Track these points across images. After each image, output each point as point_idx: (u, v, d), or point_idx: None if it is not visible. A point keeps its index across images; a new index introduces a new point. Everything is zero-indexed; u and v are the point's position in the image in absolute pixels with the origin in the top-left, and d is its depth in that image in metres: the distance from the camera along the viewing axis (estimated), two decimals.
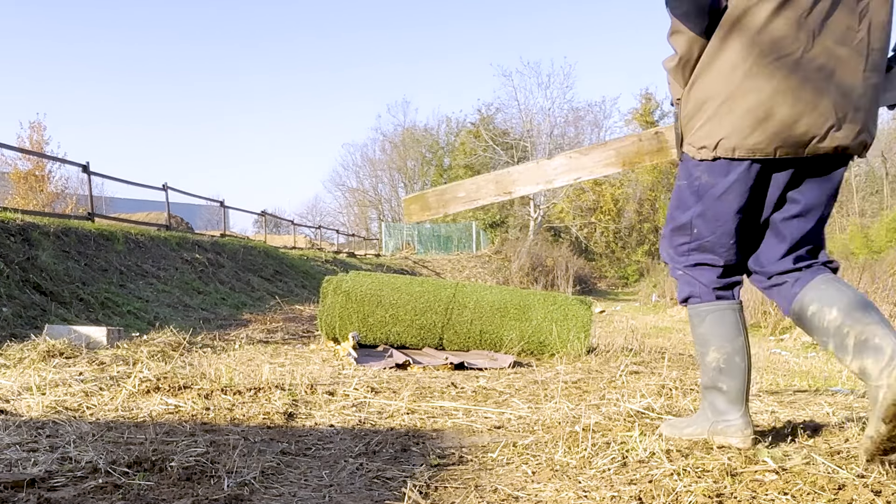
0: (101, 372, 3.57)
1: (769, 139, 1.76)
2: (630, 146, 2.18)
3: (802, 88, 1.72)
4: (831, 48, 1.72)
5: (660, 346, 6.50)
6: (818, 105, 1.73)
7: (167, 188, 14.70)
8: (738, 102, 1.77)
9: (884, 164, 35.11)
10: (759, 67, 1.74)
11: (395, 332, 5.10)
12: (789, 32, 1.71)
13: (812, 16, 1.70)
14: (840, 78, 1.73)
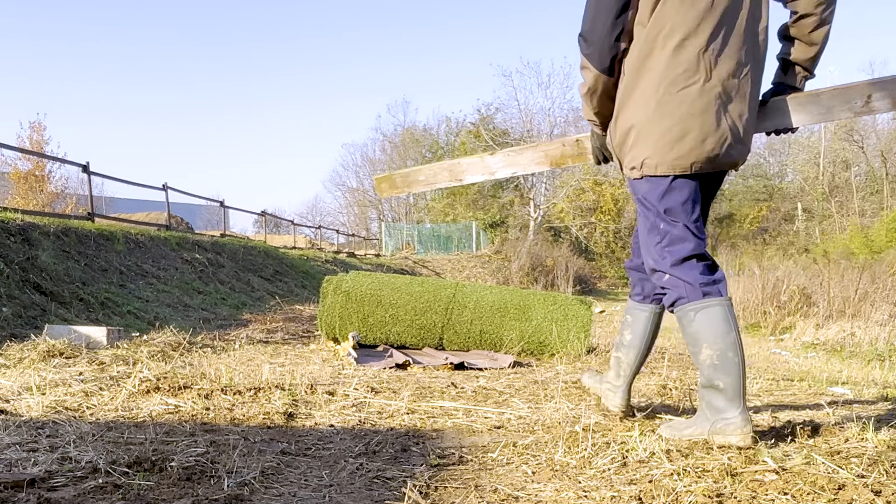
0: (101, 372, 3.57)
1: (686, 156, 2.03)
2: (556, 150, 2.53)
3: (706, 112, 2.01)
4: (725, 80, 2.01)
5: (660, 346, 6.49)
6: (719, 127, 2.02)
7: (167, 188, 14.70)
8: (655, 126, 2.05)
9: (884, 164, 35.11)
10: (669, 96, 2.02)
11: (395, 332, 5.10)
12: (690, 67, 2.00)
13: (707, 53, 2.00)
14: (734, 105, 2.03)
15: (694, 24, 1.99)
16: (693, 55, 1.99)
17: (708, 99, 2.00)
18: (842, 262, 12.89)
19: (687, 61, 2.00)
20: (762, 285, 12.00)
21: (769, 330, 10.65)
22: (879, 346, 7.78)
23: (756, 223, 39.51)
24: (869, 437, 2.03)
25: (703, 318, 2.02)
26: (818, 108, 2.17)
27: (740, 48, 2.02)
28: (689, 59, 2.00)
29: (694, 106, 2.00)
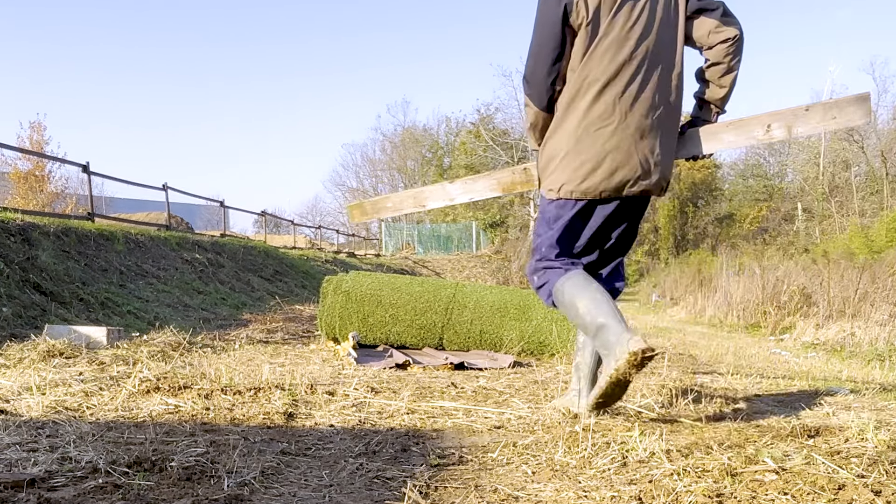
0: (101, 372, 3.57)
1: (596, 185, 2.39)
2: (507, 177, 2.81)
3: (618, 149, 2.36)
4: (640, 120, 2.36)
5: (660, 345, 6.49)
6: (630, 161, 2.36)
7: (167, 188, 14.69)
8: (574, 159, 2.40)
9: (884, 164, 35.09)
10: (588, 134, 2.38)
11: (395, 332, 5.10)
12: (607, 110, 2.35)
13: (624, 98, 2.35)
14: (646, 141, 2.37)
15: (613, 73, 2.35)
16: (610, 101, 2.35)
17: (620, 138, 2.36)
18: (842, 262, 12.87)
19: (605, 105, 2.36)
20: (762, 285, 12.00)
21: (769, 330, 10.65)
22: (879, 346, 7.78)
23: (756, 223, 39.50)
24: (869, 437, 2.03)
25: (570, 285, 2.40)
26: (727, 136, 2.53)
27: (654, 93, 2.38)
28: (607, 104, 2.36)
29: (607, 144, 2.36)
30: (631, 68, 2.34)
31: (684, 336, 8.85)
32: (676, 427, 2.39)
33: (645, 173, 2.38)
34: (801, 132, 2.51)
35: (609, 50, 2.33)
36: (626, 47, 2.34)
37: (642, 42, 2.34)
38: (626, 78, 2.34)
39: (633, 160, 2.36)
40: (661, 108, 2.38)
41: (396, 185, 46.06)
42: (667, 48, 2.39)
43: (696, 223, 40.89)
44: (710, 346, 7.34)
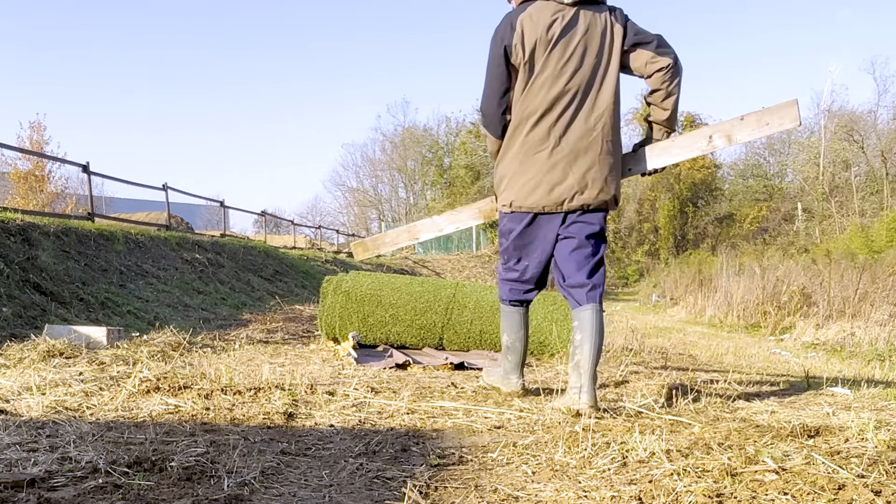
0: (101, 372, 3.57)
1: (537, 201, 2.75)
2: (486, 205, 3.17)
3: (554, 170, 2.72)
4: (574, 144, 2.70)
5: (660, 346, 6.49)
6: (566, 180, 2.71)
7: (167, 188, 14.69)
8: (519, 180, 2.78)
9: (884, 164, 35.08)
10: (527, 157, 2.75)
11: (395, 332, 5.10)
12: (543, 136, 2.72)
13: (557, 126, 2.71)
14: (581, 162, 2.71)
15: (548, 105, 2.70)
16: (546, 129, 2.71)
17: (555, 160, 2.71)
18: (842, 262, 12.86)
19: (541, 133, 2.72)
20: (762, 285, 12.00)
21: (769, 330, 10.65)
22: (879, 346, 7.78)
23: (756, 223, 39.49)
24: (869, 437, 2.03)
25: (507, 317, 3.03)
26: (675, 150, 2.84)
27: (587, 119, 2.70)
28: (543, 132, 2.72)
29: (544, 166, 2.72)
30: (564, 100, 2.70)
31: (684, 336, 8.85)
32: (676, 427, 2.39)
33: (581, 190, 2.72)
34: (740, 139, 2.78)
35: (544, 85, 2.70)
36: (559, 82, 2.69)
37: (575, 76, 2.69)
38: (560, 108, 2.70)
39: (569, 179, 2.71)
40: (595, 132, 2.71)
41: (396, 186, 46.07)
42: (601, 80, 2.72)
43: (696, 223, 40.88)
44: (710, 346, 7.34)
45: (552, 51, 2.66)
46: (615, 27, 2.71)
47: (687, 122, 41.70)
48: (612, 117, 2.73)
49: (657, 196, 40.37)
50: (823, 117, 38.03)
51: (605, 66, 2.70)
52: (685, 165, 39.85)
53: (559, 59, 2.67)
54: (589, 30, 2.69)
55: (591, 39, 2.68)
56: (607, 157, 2.73)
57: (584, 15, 2.69)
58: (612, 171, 2.76)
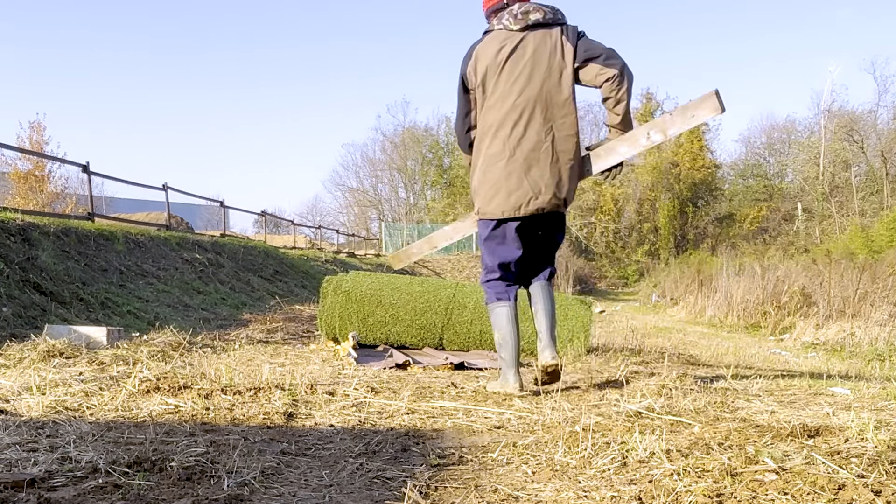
0: (101, 372, 3.57)
1: (498, 207, 3.05)
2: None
3: (510, 178, 3.01)
4: (528, 154, 2.99)
5: (660, 346, 6.50)
6: (521, 187, 3.00)
7: (167, 188, 14.69)
8: (483, 189, 3.09)
9: (884, 165, 35.08)
10: (488, 168, 3.07)
11: (395, 332, 5.10)
12: (499, 149, 3.03)
13: (511, 139, 3.01)
14: (534, 170, 2.99)
15: (501, 121, 3.01)
16: (501, 142, 3.02)
17: (511, 169, 3.00)
18: (842, 262, 12.86)
19: (498, 146, 3.03)
20: (762, 285, 12.00)
21: (769, 330, 10.65)
22: (879, 346, 7.78)
23: (756, 223, 39.50)
24: (869, 437, 2.03)
25: (495, 315, 3.21)
26: (622, 148, 3.09)
27: (538, 132, 2.99)
28: (499, 145, 3.02)
29: (502, 175, 3.02)
30: (515, 115, 2.99)
31: (684, 336, 8.85)
32: (676, 427, 2.39)
33: (537, 194, 3.00)
34: (673, 133, 3.06)
35: (497, 103, 3.02)
36: (509, 100, 3.00)
37: (523, 93, 2.98)
38: (511, 123, 3.00)
39: (524, 186, 2.99)
40: (548, 142, 2.99)
41: (396, 186, 46.06)
42: (553, 94, 2.99)
43: (696, 223, 40.89)
44: (710, 346, 7.34)
45: (501, 72, 3.01)
46: (566, 46, 2.98)
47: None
48: (568, 127, 3.02)
49: (657, 196, 40.37)
50: (823, 117, 38.04)
51: (557, 81, 2.99)
52: (685, 165, 39.88)
53: (507, 79, 3.01)
54: (536, 50, 2.99)
55: (538, 59, 2.99)
56: (558, 164, 3.02)
57: (532, 38, 3.00)
58: (564, 177, 3.04)
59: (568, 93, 2.99)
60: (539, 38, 3.00)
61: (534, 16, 3.01)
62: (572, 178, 3.07)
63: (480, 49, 3.06)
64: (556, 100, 2.99)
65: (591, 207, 37.64)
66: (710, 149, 41.87)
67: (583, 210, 37.26)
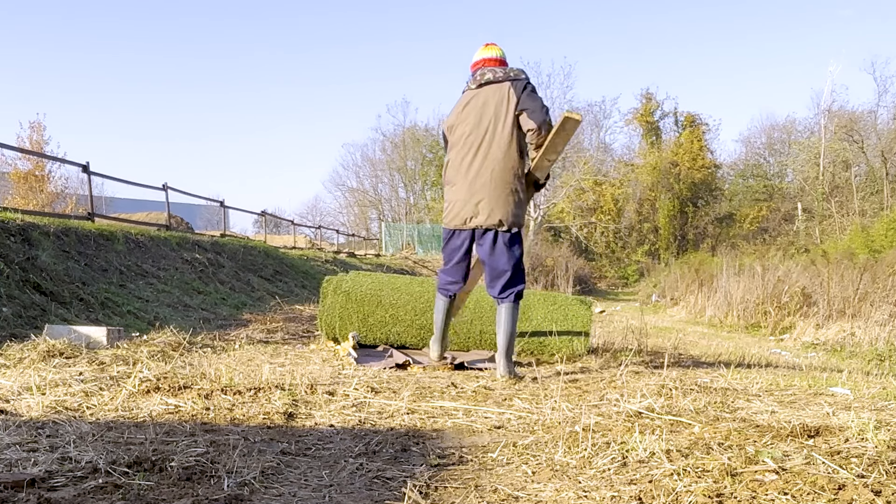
0: (101, 372, 3.57)
1: (452, 219, 3.88)
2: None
3: (459, 196, 3.81)
4: (472, 176, 3.76)
5: (660, 346, 6.50)
6: (467, 204, 3.78)
7: (167, 188, 14.69)
8: (445, 205, 3.93)
9: (884, 165, 35.06)
10: (448, 187, 3.90)
11: (395, 332, 5.09)
12: (453, 171, 3.87)
13: (463, 163, 3.81)
14: (476, 190, 3.75)
15: (459, 157, 3.83)
16: (454, 169, 3.85)
17: (460, 191, 3.79)
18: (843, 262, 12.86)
19: (453, 174, 3.86)
20: (762, 285, 12.00)
21: (769, 330, 10.65)
22: (879, 346, 7.78)
23: (756, 223, 39.49)
24: (869, 437, 2.03)
25: (436, 302, 4.13)
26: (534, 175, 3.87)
27: (481, 165, 3.74)
28: (453, 174, 3.86)
29: (454, 196, 3.84)
30: (464, 151, 3.80)
31: (684, 336, 8.85)
32: (676, 427, 2.39)
33: (477, 212, 3.75)
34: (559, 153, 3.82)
35: (455, 145, 3.86)
36: (462, 141, 3.82)
37: (471, 136, 3.78)
38: (462, 158, 3.81)
39: (469, 203, 3.76)
40: (486, 175, 3.72)
41: (396, 186, 46.05)
42: (495, 136, 3.73)
43: (696, 223, 40.88)
44: (710, 346, 7.34)
45: (460, 123, 3.85)
46: (511, 97, 3.71)
47: (687, 122, 41.73)
48: (505, 162, 3.71)
49: (657, 196, 40.37)
50: (823, 117, 38.02)
51: (499, 126, 3.72)
52: (685, 165, 39.88)
53: (463, 125, 3.83)
54: (486, 101, 3.77)
55: (486, 108, 3.76)
56: (496, 191, 3.72)
57: (484, 91, 3.79)
58: (500, 201, 3.72)
59: (508, 134, 3.70)
60: (490, 91, 3.78)
61: (487, 76, 3.81)
62: (508, 203, 3.74)
63: (456, 106, 3.96)
64: (498, 141, 3.71)
65: (592, 207, 37.64)
66: (710, 149, 41.87)
67: (583, 210, 37.26)
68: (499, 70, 3.82)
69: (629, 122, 42.28)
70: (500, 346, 3.80)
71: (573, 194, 35.28)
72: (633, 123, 42.14)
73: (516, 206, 3.75)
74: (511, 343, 3.80)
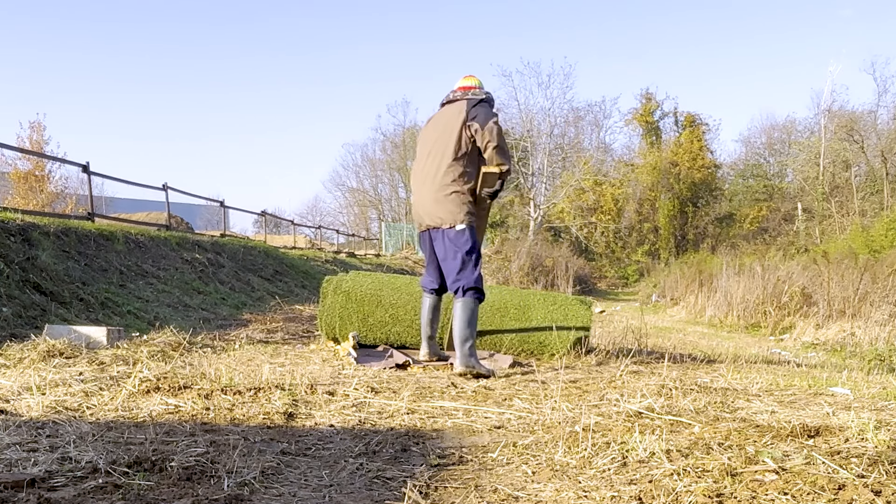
0: (101, 372, 3.57)
1: (416, 222, 4.29)
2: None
3: (415, 202, 4.25)
4: (422, 186, 4.18)
5: (660, 346, 6.49)
6: (419, 209, 4.19)
7: (167, 188, 14.68)
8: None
9: (884, 165, 35.05)
10: (412, 196, 4.31)
11: (396, 331, 5.09)
12: (413, 181, 4.33)
13: (418, 175, 4.23)
14: (423, 198, 4.16)
15: (419, 167, 4.24)
16: (414, 179, 4.29)
17: (416, 196, 4.22)
18: (843, 261, 12.84)
19: (414, 178, 4.30)
20: (762, 285, 12.00)
21: (769, 330, 10.65)
22: (879, 345, 7.78)
23: (756, 223, 39.47)
24: (869, 437, 2.03)
25: (422, 302, 4.42)
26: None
27: (434, 174, 4.10)
28: (414, 178, 4.30)
29: (414, 199, 4.27)
30: (421, 163, 4.22)
31: (684, 336, 8.85)
32: (676, 427, 2.39)
33: (426, 216, 4.14)
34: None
35: (417, 157, 4.30)
36: (420, 153, 4.27)
37: (427, 148, 4.20)
38: (420, 167, 4.22)
39: (420, 209, 4.18)
40: (436, 182, 4.08)
41: (396, 186, 46.05)
42: (445, 149, 4.07)
43: (696, 223, 40.86)
44: (710, 346, 7.34)
45: (422, 135, 4.33)
46: (462, 112, 4.04)
47: (687, 122, 41.71)
48: (452, 172, 4.04)
49: (657, 196, 40.35)
50: (823, 117, 38.00)
51: (448, 139, 4.05)
52: (685, 165, 39.86)
53: (423, 140, 4.29)
54: (442, 117, 4.17)
55: (441, 124, 4.14)
56: (442, 197, 4.07)
57: (445, 110, 4.20)
58: (445, 207, 4.06)
59: (454, 146, 4.03)
60: (449, 110, 4.15)
61: (450, 97, 4.22)
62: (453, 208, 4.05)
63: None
64: (447, 153, 4.06)
65: (592, 207, 37.61)
66: (709, 149, 41.84)
67: (583, 210, 37.24)
68: (460, 93, 4.20)
69: (629, 123, 42.26)
70: (457, 340, 3.99)
71: (573, 194, 35.27)
72: (632, 123, 42.12)
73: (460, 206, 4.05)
74: (465, 336, 3.95)
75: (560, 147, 37.40)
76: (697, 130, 41.27)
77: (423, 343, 4.44)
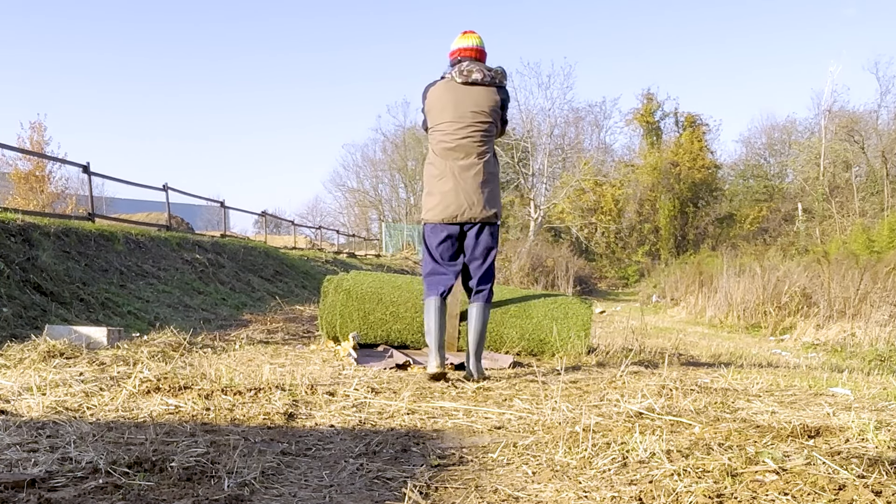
0: (102, 372, 3.57)
1: (439, 214, 3.74)
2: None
3: (448, 193, 3.71)
4: (464, 174, 3.71)
5: (660, 346, 6.49)
6: (457, 200, 3.70)
7: (167, 188, 14.68)
8: (428, 199, 3.82)
9: (884, 165, 35.04)
10: (433, 184, 3.79)
11: (396, 329, 5.09)
12: (439, 170, 3.76)
13: (449, 164, 3.73)
14: (466, 188, 3.70)
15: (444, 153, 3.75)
16: (442, 164, 3.75)
17: (448, 186, 3.71)
18: (843, 262, 12.84)
19: (438, 167, 3.77)
20: (763, 286, 11.99)
21: (769, 330, 10.64)
22: (880, 346, 7.78)
23: (756, 223, 39.46)
24: (869, 437, 2.03)
25: (427, 307, 3.79)
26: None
27: (475, 161, 3.71)
28: (440, 166, 3.76)
29: (442, 189, 3.73)
30: (453, 148, 3.72)
31: (684, 336, 8.84)
32: (677, 427, 2.39)
33: (469, 207, 3.69)
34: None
35: (443, 139, 3.76)
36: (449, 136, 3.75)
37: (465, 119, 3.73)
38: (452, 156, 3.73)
39: (458, 199, 3.69)
40: (478, 167, 3.71)
41: (397, 186, 46.04)
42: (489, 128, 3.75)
43: (696, 223, 40.86)
44: (710, 346, 7.34)
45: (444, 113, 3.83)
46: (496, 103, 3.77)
47: (688, 123, 41.72)
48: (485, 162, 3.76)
49: (657, 196, 40.34)
50: (824, 118, 37.99)
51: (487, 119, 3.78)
52: (685, 166, 39.86)
53: (455, 104, 3.81)
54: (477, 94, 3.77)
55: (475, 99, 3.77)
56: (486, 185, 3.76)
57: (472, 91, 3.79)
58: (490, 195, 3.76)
59: (494, 129, 3.77)
60: (476, 93, 3.75)
61: (475, 76, 3.77)
62: (495, 197, 3.79)
63: (431, 92, 3.88)
64: (488, 131, 3.73)
65: (592, 208, 37.61)
66: (710, 149, 41.85)
67: (583, 210, 37.23)
68: (487, 71, 3.81)
69: (629, 123, 42.26)
70: (472, 345, 3.87)
71: (573, 195, 35.26)
72: (633, 124, 42.12)
73: (498, 197, 3.86)
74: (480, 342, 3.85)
75: (560, 147, 37.39)
76: (698, 131, 41.27)
77: (433, 353, 3.69)
